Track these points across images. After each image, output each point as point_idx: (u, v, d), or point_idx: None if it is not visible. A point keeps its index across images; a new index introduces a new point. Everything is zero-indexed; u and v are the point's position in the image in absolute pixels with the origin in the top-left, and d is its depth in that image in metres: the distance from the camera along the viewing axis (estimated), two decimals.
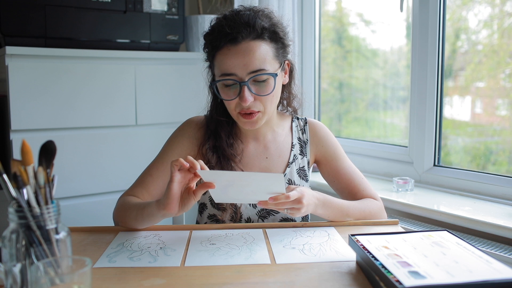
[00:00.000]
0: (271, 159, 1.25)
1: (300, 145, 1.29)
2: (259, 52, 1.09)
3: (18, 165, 0.71)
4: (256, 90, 1.11)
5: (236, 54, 1.09)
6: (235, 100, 1.12)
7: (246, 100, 1.09)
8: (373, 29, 2.17)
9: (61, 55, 1.79)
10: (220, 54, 1.11)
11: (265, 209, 1.21)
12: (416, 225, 1.54)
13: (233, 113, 1.16)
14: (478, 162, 1.74)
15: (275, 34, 1.13)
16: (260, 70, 1.09)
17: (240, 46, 1.09)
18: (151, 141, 1.98)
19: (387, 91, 2.14)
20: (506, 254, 1.29)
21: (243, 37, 1.09)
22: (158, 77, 1.99)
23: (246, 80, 1.09)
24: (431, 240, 0.89)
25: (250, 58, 1.08)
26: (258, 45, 1.10)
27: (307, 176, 1.29)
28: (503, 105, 1.69)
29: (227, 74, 1.10)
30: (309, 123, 1.32)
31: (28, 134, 1.73)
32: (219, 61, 1.12)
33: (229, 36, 1.08)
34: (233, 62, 1.09)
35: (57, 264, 0.69)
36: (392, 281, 0.71)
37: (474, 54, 1.75)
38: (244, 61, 1.08)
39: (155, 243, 1.02)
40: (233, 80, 1.10)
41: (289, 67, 1.23)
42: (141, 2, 1.94)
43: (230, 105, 1.14)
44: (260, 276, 0.85)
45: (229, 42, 1.09)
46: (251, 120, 1.14)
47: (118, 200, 1.19)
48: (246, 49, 1.09)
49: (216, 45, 1.11)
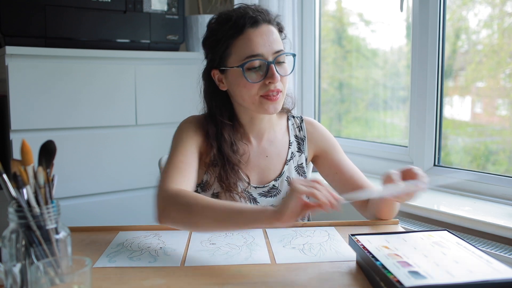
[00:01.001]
0: (270, 158, 1.26)
1: (297, 142, 1.29)
2: (276, 34, 1.15)
3: (18, 165, 0.71)
4: (280, 71, 1.13)
5: (261, 35, 1.12)
6: (259, 83, 1.12)
7: (276, 78, 1.11)
8: (373, 29, 2.17)
9: (61, 55, 1.79)
10: (241, 38, 1.12)
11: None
12: (416, 225, 1.54)
13: (255, 98, 1.13)
14: (478, 162, 1.74)
15: (279, 25, 1.20)
16: (281, 50, 1.14)
17: (261, 28, 1.13)
18: (151, 141, 1.98)
19: (387, 91, 2.14)
20: (506, 254, 1.29)
21: (263, 20, 1.14)
22: (158, 77, 1.99)
23: (272, 60, 1.12)
24: (431, 240, 0.89)
25: (273, 38, 1.13)
26: (274, 30, 1.16)
27: (306, 173, 1.29)
28: (503, 105, 1.69)
29: (254, 55, 1.11)
30: (305, 121, 1.32)
31: (28, 134, 1.73)
32: (241, 45, 1.12)
33: (252, 19, 1.12)
34: (259, 42, 1.11)
35: (57, 264, 0.69)
36: (392, 281, 0.71)
37: (474, 54, 1.75)
38: (269, 41, 1.12)
39: (155, 243, 1.02)
40: (260, 59, 1.11)
41: None
42: (141, 2, 1.94)
43: (251, 90, 1.12)
44: (260, 276, 0.85)
45: (250, 26, 1.12)
46: (275, 102, 1.14)
47: (162, 196, 1.02)
48: (267, 31, 1.13)
49: (237, 30, 1.13)
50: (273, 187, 1.24)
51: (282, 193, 1.24)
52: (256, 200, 1.22)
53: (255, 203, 1.22)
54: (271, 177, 1.24)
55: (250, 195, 1.22)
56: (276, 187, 1.24)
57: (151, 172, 1.89)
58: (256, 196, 1.22)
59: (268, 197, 1.23)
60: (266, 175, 1.24)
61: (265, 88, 1.12)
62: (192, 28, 2.15)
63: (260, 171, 1.24)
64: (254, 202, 1.22)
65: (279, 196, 1.23)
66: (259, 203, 1.22)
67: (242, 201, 1.20)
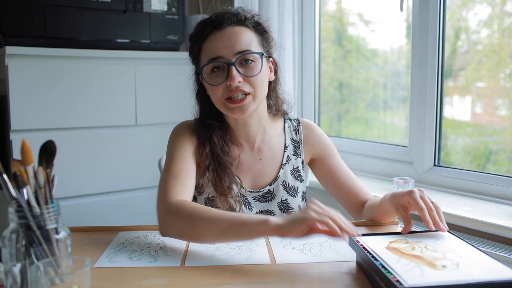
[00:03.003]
0: (264, 161, 1.24)
1: (293, 145, 1.27)
2: (244, 36, 1.13)
3: (18, 165, 0.71)
4: (244, 71, 1.11)
5: (222, 37, 1.12)
6: (223, 85, 1.11)
7: (234, 78, 1.09)
8: (373, 29, 2.17)
9: (61, 55, 1.79)
10: (206, 42, 1.14)
11: (261, 211, 1.21)
12: (416, 225, 1.54)
13: (221, 101, 1.13)
14: (478, 162, 1.74)
15: (258, 25, 1.17)
16: (246, 50, 1.12)
17: (225, 30, 1.12)
18: (151, 141, 1.98)
19: (387, 91, 2.14)
20: (506, 254, 1.29)
21: (228, 23, 1.13)
22: (158, 77, 1.99)
23: (233, 61, 1.10)
24: (431, 240, 0.89)
25: (236, 39, 1.12)
26: (242, 30, 1.14)
27: (302, 176, 1.27)
28: (503, 105, 1.69)
29: (214, 58, 1.11)
30: (303, 123, 1.30)
31: (28, 134, 1.73)
32: (205, 48, 1.14)
33: (214, 23, 1.13)
34: (219, 44, 1.11)
35: (57, 264, 0.69)
36: (392, 281, 0.71)
37: (474, 54, 1.75)
38: (230, 43, 1.11)
39: (155, 243, 1.02)
40: (220, 62, 1.11)
41: (274, 65, 1.23)
42: (141, 2, 1.94)
43: (217, 93, 1.12)
44: (260, 276, 0.85)
45: (214, 29, 1.12)
46: (240, 105, 1.11)
47: (165, 210, 1.02)
48: (231, 32, 1.12)
49: (202, 35, 1.14)
50: (268, 191, 1.22)
51: (277, 198, 1.22)
52: (250, 204, 1.21)
53: (250, 207, 1.21)
54: (265, 182, 1.23)
55: (245, 199, 1.21)
56: (271, 191, 1.22)
57: (151, 172, 1.90)
58: (251, 201, 1.21)
59: (263, 202, 1.22)
60: (260, 180, 1.23)
61: (227, 91, 1.11)
62: (192, 28, 2.15)
63: (254, 175, 1.22)
64: (249, 207, 1.21)
65: (274, 201, 1.22)
66: (253, 207, 1.21)
67: (237, 206, 1.18)
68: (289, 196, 1.23)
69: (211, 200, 1.19)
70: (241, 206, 1.20)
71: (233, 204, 1.18)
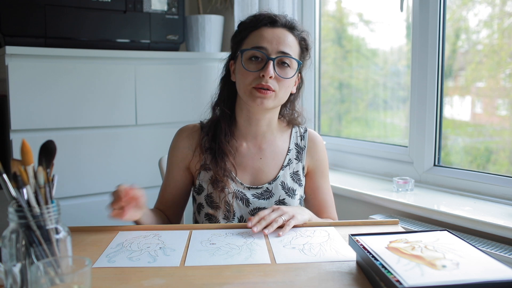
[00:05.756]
0: (264, 160, 1.28)
1: (296, 150, 1.32)
2: (290, 40, 1.20)
3: (18, 165, 0.71)
4: (278, 71, 1.18)
5: (272, 33, 1.19)
6: (255, 73, 1.17)
7: (269, 72, 1.15)
8: (373, 29, 2.17)
9: (61, 55, 1.78)
10: (256, 32, 1.20)
11: (258, 208, 1.24)
12: (416, 225, 1.54)
13: (247, 88, 1.18)
14: (478, 162, 1.74)
15: (303, 40, 1.25)
16: (288, 54, 1.19)
17: (276, 29, 1.20)
18: (151, 141, 1.98)
19: (387, 91, 2.14)
20: (506, 254, 1.29)
21: (281, 24, 1.21)
22: (158, 77, 1.99)
23: (274, 57, 1.17)
24: (431, 240, 0.89)
25: (283, 40, 1.19)
26: (290, 35, 1.21)
27: (301, 180, 1.30)
28: (503, 105, 1.69)
29: (258, 47, 1.18)
30: (309, 132, 1.35)
31: (28, 134, 1.73)
32: (253, 36, 1.20)
33: (269, 18, 1.20)
34: (267, 38, 1.18)
35: (57, 264, 0.69)
36: (392, 281, 0.71)
37: (474, 54, 1.75)
38: (277, 40, 1.18)
39: (154, 243, 1.02)
40: (262, 53, 1.17)
41: (299, 81, 1.31)
42: (141, 2, 1.94)
43: (247, 79, 1.18)
44: (260, 276, 0.85)
45: (267, 24, 1.20)
46: (264, 95, 1.17)
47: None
48: (281, 32, 1.20)
49: (254, 24, 1.21)
50: (267, 189, 1.26)
51: (275, 197, 1.26)
52: (248, 201, 1.24)
53: (248, 204, 1.24)
54: (264, 180, 1.27)
55: (244, 195, 1.24)
56: (270, 190, 1.26)
57: (151, 172, 1.89)
58: (249, 197, 1.24)
59: (261, 199, 1.25)
60: (259, 177, 1.27)
61: (258, 80, 1.16)
62: (192, 28, 2.15)
63: (254, 172, 1.27)
64: (246, 203, 1.24)
65: (272, 199, 1.26)
66: (251, 204, 1.24)
67: (234, 202, 1.23)
68: (287, 196, 1.26)
69: (210, 197, 1.24)
70: (238, 202, 1.24)
71: (230, 200, 1.22)
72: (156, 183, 1.32)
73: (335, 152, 2.18)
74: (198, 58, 2.07)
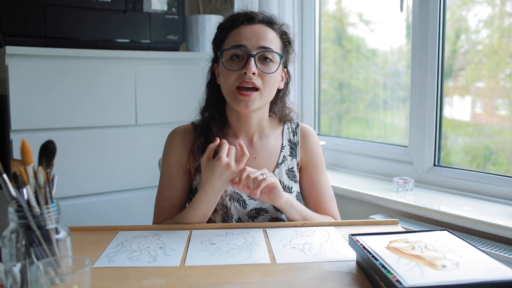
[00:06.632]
0: (259, 159, 1.26)
1: (290, 146, 1.30)
2: (270, 35, 1.19)
3: (18, 165, 0.71)
4: (260, 67, 1.16)
5: (250, 30, 1.18)
6: (237, 72, 1.15)
7: (250, 68, 1.13)
8: (373, 29, 2.17)
9: (61, 55, 1.78)
10: (234, 31, 1.20)
11: (254, 209, 1.23)
12: (416, 225, 1.54)
13: (231, 89, 1.17)
14: (478, 162, 1.74)
15: (284, 34, 1.24)
16: (269, 48, 1.17)
17: (255, 26, 1.19)
18: (151, 141, 1.97)
19: (387, 91, 2.14)
20: (506, 254, 1.29)
21: (258, 20, 1.20)
22: (158, 77, 1.99)
23: (254, 53, 1.16)
24: (431, 240, 0.89)
25: (262, 35, 1.18)
26: (270, 31, 1.20)
27: (296, 177, 1.29)
28: (503, 105, 1.69)
29: (238, 45, 1.17)
30: (301, 127, 1.33)
31: (28, 134, 1.73)
32: (231, 36, 1.19)
33: (246, 16, 1.20)
34: (246, 35, 1.17)
35: (57, 264, 0.69)
36: (392, 281, 0.71)
37: (474, 54, 1.75)
38: (256, 36, 1.17)
39: (154, 243, 1.02)
40: (242, 50, 1.16)
41: (286, 76, 1.28)
42: (141, 2, 1.94)
43: (229, 79, 1.16)
44: (260, 276, 0.85)
45: (245, 21, 1.19)
46: (247, 98, 1.15)
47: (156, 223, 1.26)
48: (259, 28, 1.19)
49: (232, 24, 1.20)
50: None
51: None
52: (245, 202, 1.23)
53: (245, 206, 1.23)
54: None
55: (240, 196, 1.23)
56: None
57: (151, 172, 1.89)
58: (246, 198, 1.23)
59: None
60: None
61: (241, 79, 1.15)
62: (192, 28, 2.15)
63: None
64: (243, 205, 1.23)
65: None
66: (248, 205, 1.23)
67: (231, 204, 1.21)
68: None
69: None
70: (235, 203, 1.22)
71: (227, 203, 1.21)
72: (156, 183, 1.32)
73: (335, 152, 2.18)
74: (198, 58, 2.07)
